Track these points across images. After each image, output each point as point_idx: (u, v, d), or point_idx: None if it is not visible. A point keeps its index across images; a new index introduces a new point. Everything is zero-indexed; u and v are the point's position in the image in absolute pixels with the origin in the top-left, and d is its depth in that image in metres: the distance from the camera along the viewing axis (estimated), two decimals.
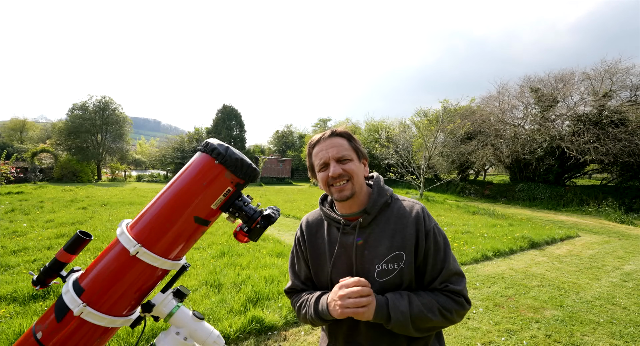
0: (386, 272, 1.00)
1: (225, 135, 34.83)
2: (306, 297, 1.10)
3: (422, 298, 0.97)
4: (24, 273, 4.08)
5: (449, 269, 1.01)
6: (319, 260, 1.12)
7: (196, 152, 0.90)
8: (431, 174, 20.47)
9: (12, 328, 2.69)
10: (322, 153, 1.05)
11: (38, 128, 44.07)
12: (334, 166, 1.02)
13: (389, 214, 1.06)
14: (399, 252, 1.00)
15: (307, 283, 1.17)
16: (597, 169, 19.22)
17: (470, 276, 4.80)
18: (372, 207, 1.05)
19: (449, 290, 0.99)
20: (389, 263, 1.00)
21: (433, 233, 1.02)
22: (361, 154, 1.08)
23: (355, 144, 1.08)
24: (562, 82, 17.02)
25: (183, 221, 0.84)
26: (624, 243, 7.72)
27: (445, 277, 1.00)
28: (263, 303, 3.44)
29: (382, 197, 1.07)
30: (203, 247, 5.62)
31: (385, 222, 1.05)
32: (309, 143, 1.11)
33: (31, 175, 22.38)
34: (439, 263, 1.01)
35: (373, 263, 1.01)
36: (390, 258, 1.00)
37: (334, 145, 1.04)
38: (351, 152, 1.05)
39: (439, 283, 1.00)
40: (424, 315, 0.94)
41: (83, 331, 0.80)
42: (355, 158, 1.05)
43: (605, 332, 3.25)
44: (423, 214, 1.04)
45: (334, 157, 1.03)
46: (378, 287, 1.00)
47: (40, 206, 9.51)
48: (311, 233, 1.16)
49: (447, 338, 3.04)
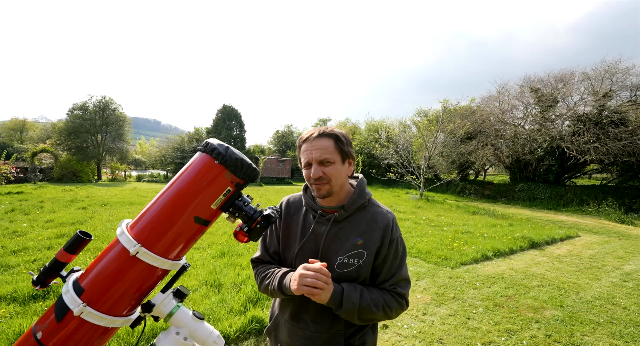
0: (345, 265, 1.11)
1: (225, 135, 34.81)
2: (272, 270, 1.19)
3: (371, 294, 1.09)
4: (24, 273, 4.08)
5: (401, 275, 1.15)
6: (289, 240, 1.22)
7: (196, 152, 0.90)
8: (431, 174, 20.46)
9: (12, 328, 2.69)
10: (306, 153, 1.11)
11: (38, 128, 44.04)
12: (315, 168, 1.09)
13: (363, 216, 1.16)
14: (362, 251, 1.11)
15: (275, 257, 1.26)
16: (597, 169, 19.22)
17: (470, 276, 4.80)
18: (350, 205, 1.15)
19: (396, 292, 1.13)
20: (350, 258, 1.11)
21: (396, 243, 1.15)
22: (346, 155, 1.13)
23: (341, 146, 1.11)
24: (562, 82, 17.02)
25: (183, 221, 0.84)
26: (624, 243, 7.73)
27: (395, 281, 1.14)
28: (263, 303, 3.44)
29: (360, 199, 1.17)
30: (203, 247, 5.62)
31: (358, 222, 1.15)
32: (300, 137, 1.16)
33: (31, 175, 22.36)
34: (394, 268, 1.14)
35: (336, 255, 1.12)
36: (353, 254, 1.11)
37: (318, 147, 1.09)
38: (335, 154, 1.10)
39: (389, 284, 1.13)
40: (370, 308, 1.06)
41: (83, 331, 0.80)
42: (337, 161, 1.11)
43: (605, 332, 3.25)
44: (392, 224, 1.16)
45: (316, 159, 1.09)
46: (335, 276, 1.10)
47: (40, 206, 9.51)
48: (289, 213, 1.25)
49: (447, 338, 3.04)
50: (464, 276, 4.76)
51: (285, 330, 1.20)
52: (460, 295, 4.07)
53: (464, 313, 3.57)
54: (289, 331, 1.19)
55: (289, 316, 1.20)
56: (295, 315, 1.18)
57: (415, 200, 14.97)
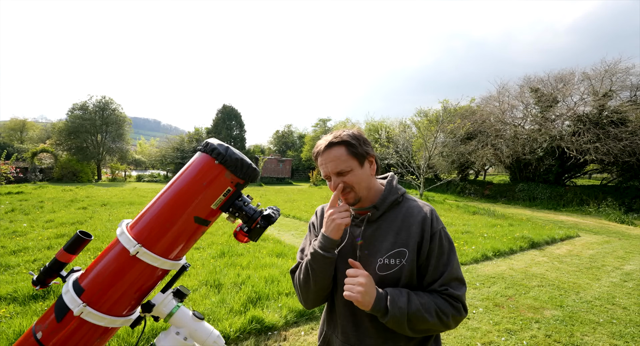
0: (387, 267, 1.03)
1: (225, 135, 34.81)
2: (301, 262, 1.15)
3: (420, 298, 0.97)
4: (24, 273, 4.08)
5: (451, 273, 1.01)
6: None
7: (196, 152, 0.90)
8: (431, 174, 20.45)
9: (12, 328, 2.69)
10: (323, 167, 1.08)
11: (38, 128, 44.01)
12: (335, 180, 1.06)
13: (398, 212, 1.09)
14: (402, 249, 1.02)
15: None
16: (597, 169, 19.22)
17: (470, 276, 4.80)
18: (381, 203, 1.09)
19: (448, 294, 0.99)
20: (391, 259, 1.03)
21: (439, 236, 1.04)
22: (363, 157, 1.07)
23: (354, 150, 1.05)
24: (562, 82, 17.02)
25: (183, 221, 0.84)
26: (624, 243, 7.72)
27: (446, 281, 1.00)
28: (263, 303, 3.44)
29: (392, 195, 1.11)
30: (203, 247, 5.62)
31: (393, 219, 1.08)
32: (313, 152, 1.13)
33: (31, 175, 22.36)
34: (441, 266, 1.01)
35: (375, 257, 1.04)
36: (393, 253, 1.03)
37: (332, 159, 1.05)
38: (349, 161, 1.04)
39: (438, 285, 1.00)
40: (421, 314, 0.94)
41: (83, 331, 0.80)
42: (355, 166, 1.05)
43: (605, 332, 3.25)
44: (431, 216, 1.06)
45: (332, 172, 1.06)
46: (377, 280, 1.02)
47: (40, 206, 9.51)
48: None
49: (447, 338, 3.04)
50: (464, 276, 4.76)
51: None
52: None
53: None
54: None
55: (340, 332, 1.12)
56: (345, 330, 1.10)
57: None
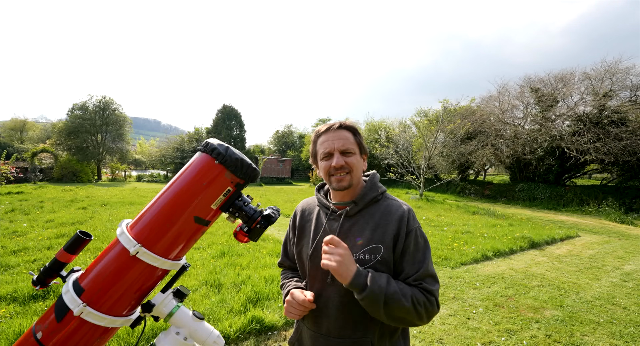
0: (362, 262, 1.04)
1: (225, 135, 34.80)
2: (286, 283, 1.21)
3: (399, 284, 0.99)
4: (24, 273, 4.08)
5: (427, 270, 1.03)
6: (302, 240, 1.20)
7: (196, 152, 0.90)
8: (431, 174, 20.45)
9: (12, 328, 2.69)
10: (327, 143, 1.10)
11: (38, 128, 44.00)
12: (338, 157, 1.07)
13: (376, 209, 1.11)
14: (378, 245, 1.05)
15: (294, 261, 1.26)
16: (597, 169, 19.21)
17: (470, 276, 4.80)
18: (361, 199, 1.11)
19: (422, 287, 1.01)
20: (366, 254, 1.05)
21: (415, 234, 1.06)
22: (363, 149, 1.14)
23: (359, 139, 1.13)
24: (562, 82, 17.01)
25: (183, 221, 0.84)
26: (624, 243, 7.72)
27: (421, 276, 1.02)
28: (263, 303, 3.44)
29: (372, 192, 1.13)
30: (203, 247, 5.62)
31: (371, 215, 1.10)
32: (316, 131, 1.15)
33: (31, 175, 22.35)
34: (416, 263, 1.04)
35: (351, 252, 1.05)
36: (369, 249, 1.05)
37: (340, 137, 1.09)
38: (355, 146, 1.11)
39: (413, 280, 1.02)
40: (398, 297, 0.95)
41: (83, 331, 0.80)
42: (357, 153, 1.11)
43: (605, 332, 3.25)
44: (408, 215, 1.09)
45: (338, 149, 1.08)
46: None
47: (40, 206, 9.51)
48: (303, 216, 1.25)
49: (447, 338, 3.04)
50: (464, 276, 4.76)
51: (309, 339, 1.15)
52: (460, 295, 4.07)
53: (464, 313, 3.57)
54: (311, 339, 1.13)
55: (311, 323, 1.14)
56: (316, 320, 1.12)
57: (415, 200, 14.97)
